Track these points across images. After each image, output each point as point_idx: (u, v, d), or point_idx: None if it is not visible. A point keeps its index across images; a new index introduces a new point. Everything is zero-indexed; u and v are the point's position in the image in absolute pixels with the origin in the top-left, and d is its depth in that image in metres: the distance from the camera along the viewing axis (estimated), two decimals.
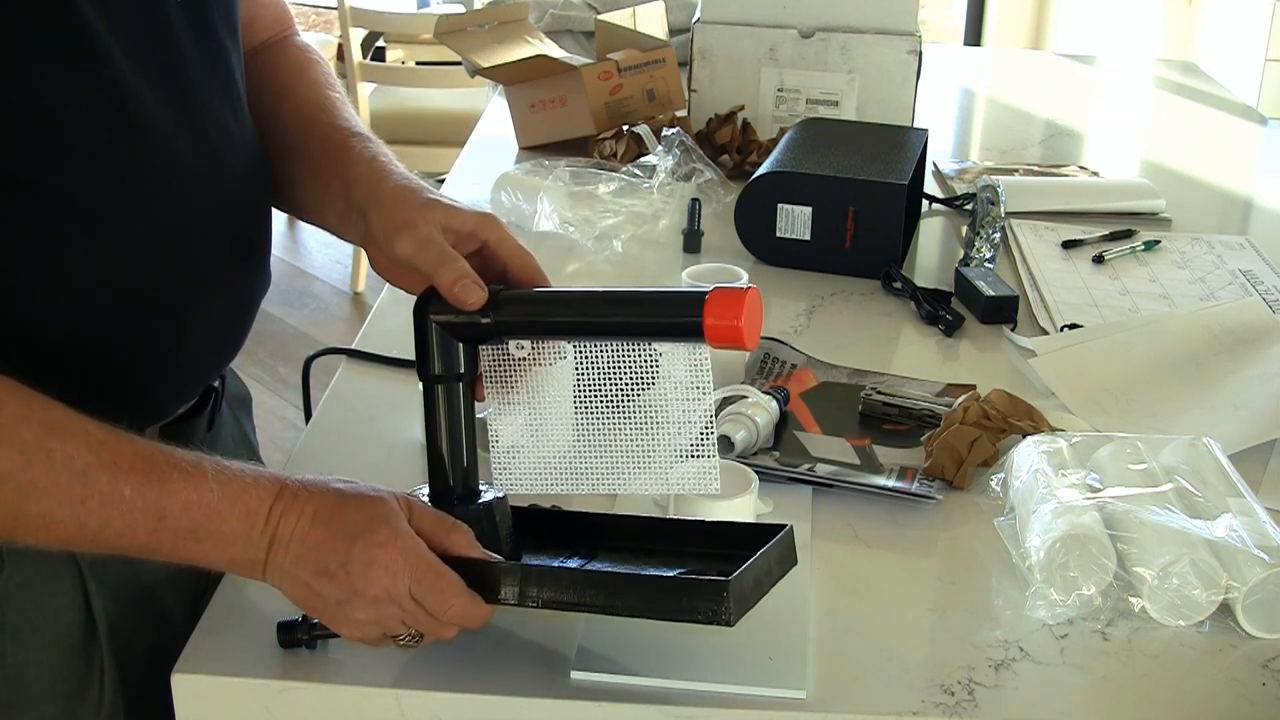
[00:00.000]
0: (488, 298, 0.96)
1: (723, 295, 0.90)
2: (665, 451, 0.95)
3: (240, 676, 0.97)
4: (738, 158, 2.05)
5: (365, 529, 0.93)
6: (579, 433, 0.96)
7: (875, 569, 1.13)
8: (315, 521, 0.93)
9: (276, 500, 0.93)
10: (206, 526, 0.92)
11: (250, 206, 1.13)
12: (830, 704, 0.96)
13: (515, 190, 1.85)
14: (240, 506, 0.92)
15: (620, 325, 0.93)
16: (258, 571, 0.94)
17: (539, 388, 0.97)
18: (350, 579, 0.93)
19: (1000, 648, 1.03)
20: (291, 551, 0.93)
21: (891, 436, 1.31)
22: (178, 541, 0.92)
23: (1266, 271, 1.76)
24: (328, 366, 1.46)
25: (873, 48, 2.08)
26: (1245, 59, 4.25)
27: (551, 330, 0.95)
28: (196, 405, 1.17)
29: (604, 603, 0.93)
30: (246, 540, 0.93)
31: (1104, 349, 1.49)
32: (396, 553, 0.93)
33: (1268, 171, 2.36)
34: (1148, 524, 1.08)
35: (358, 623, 0.94)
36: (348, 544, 0.93)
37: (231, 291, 1.12)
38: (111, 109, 0.96)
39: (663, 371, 0.93)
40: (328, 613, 0.95)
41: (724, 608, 0.88)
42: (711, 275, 1.41)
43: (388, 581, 0.93)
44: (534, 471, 0.99)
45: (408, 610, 0.94)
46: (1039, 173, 2.14)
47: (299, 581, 0.94)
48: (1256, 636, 1.05)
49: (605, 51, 2.18)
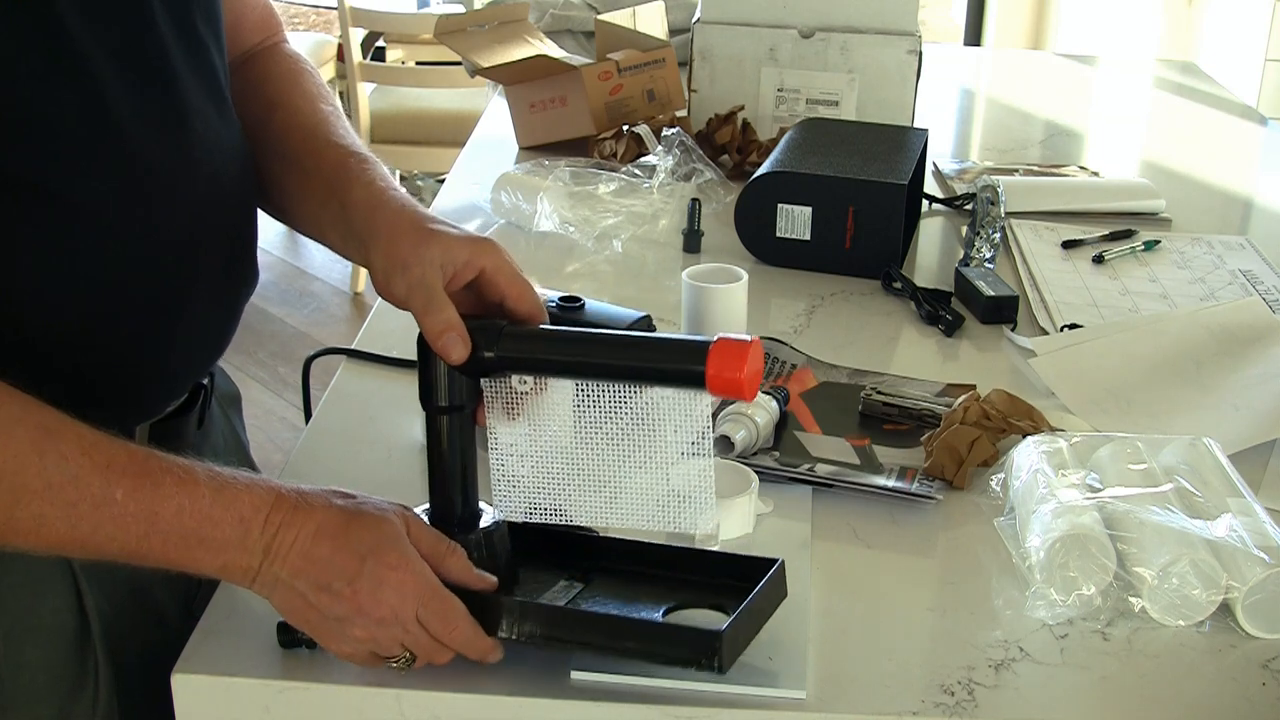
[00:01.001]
0: (490, 338, 0.95)
1: (726, 346, 0.90)
2: (663, 491, 0.96)
3: (240, 676, 0.97)
4: (738, 158, 2.05)
5: (375, 549, 0.93)
6: (578, 467, 0.97)
7: (875, 569, 1.13)
8: (319, 536, 0.93)
9: (274, 510, 0.93)
10: (199, 532, 0.91)
11: (238, 205, 1.12)
12: (830, 704, 0.96)
13: (515, 190, 1.84)
14: (234, 513, 0.92)
15: (622, 369, 0.94)
16: (249, 579, 0.94)
17: (540, 420, 0.97)
18: (356, 597, 0.93)
19: (1000, 648, 1.03)
20: (290, 563, 0.93)
21: (891, 436, 1.31)
22: (169, 547, 0.91)
23: (1266, 271, 1.76)
24: (328, 366, 1.46)
25: (873, 48, 2.08)
26: (1245, 59, 4.25)
27: (553, 369, 0.96)
28: (186, 403, 1.16)
29: (602, 644, 0.95)
30: (240, 547, 0.92)
31: (1104, 349, 1.48)
32: (407, 575, 0.93)
33: (1268, 171, 2.36)
34: (1148, 524, 1.08)
35: (353, 640, 0.94)
36: (357, 563, 0.93)
37: (220, 289, 1.11)
38: (93, 105, 0.96)
39: (662, 414, 0.93)
40: (322, 627, 0.95)
41: (717, 660, 0.92)
42: (711, 275, 1.41)
43: (396, 603, 0.93)
44: (533, 501, 1.00)
45: (410, 633, 0.94)
46: (1039, 173, 2.14)
47: (295, 594, 0.93)
48: (1256, 636, 1.05)
49: (605, 51, 2.18)
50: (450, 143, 3.88)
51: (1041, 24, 5.08)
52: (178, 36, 1.03)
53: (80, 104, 0.95)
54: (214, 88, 1.08)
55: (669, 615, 0.99)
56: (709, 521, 0.96)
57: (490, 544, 1.00)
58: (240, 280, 1.15)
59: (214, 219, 1.08)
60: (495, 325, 0.96)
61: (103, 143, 0.97)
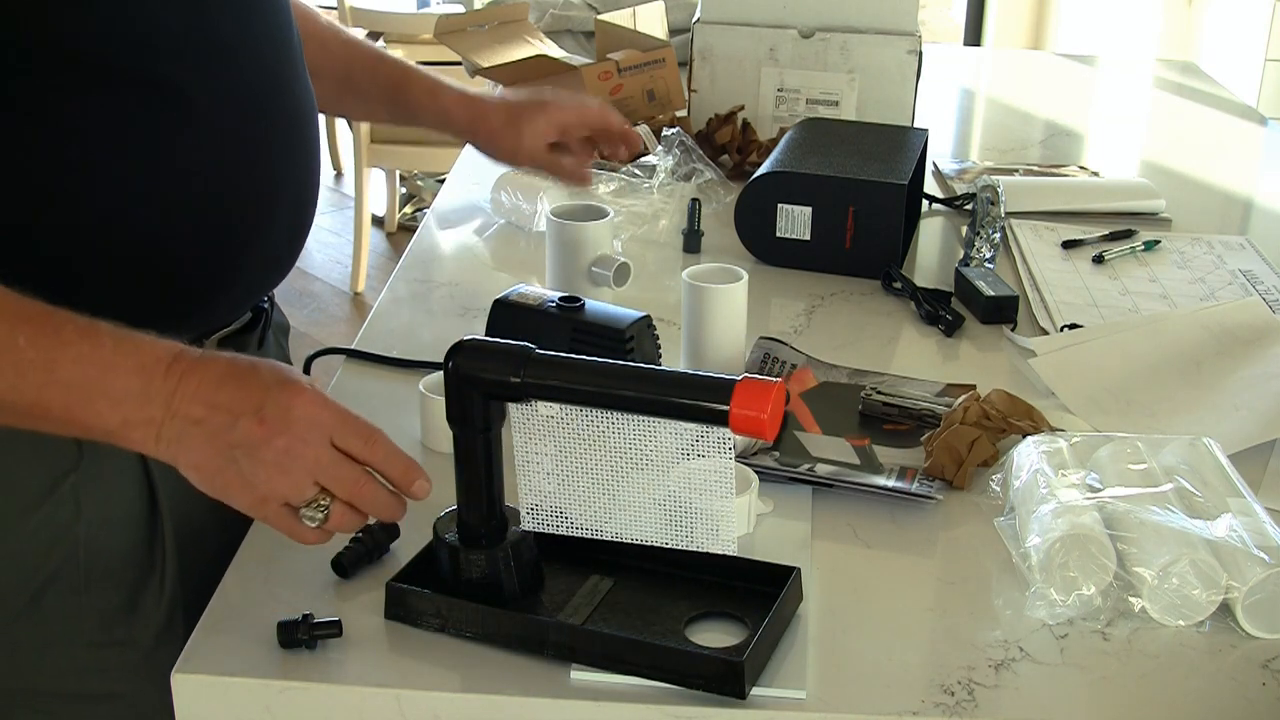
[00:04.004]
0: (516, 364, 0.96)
1: (751, 386, 0.91)
2: (686, 513, 0.98)
3: (240, 676, 0.97)
4: (738, 158, 2.05)
5: (280, 382, 0.93)
6: (603, 487, 0.99)
7: (875, 569, 1.13)
8: (223, 379, 0.92)
9: (176, 360, 0.92)
10: (100, 382, 0.91)
11: (311, 121, 1.18)
12: (830, 704, 0.96)
13: (515, 190, 1.85)
14: (134, 361, 0.91)
15: (645, 403, 0.94)
16: (152, 434, 0.92)
17: (566, 442, 0.98)
18: (265, 423, 0.91)
19: (1000, 648, 1.03)
20: (193, 410, 0.91)
21: (891, 436, 1.31)
22: (70, 398, 0.91)
23: (1266, 271, 1.76)
24: (328, 366, 1.45)
25: (873, 48, 2.08)
26: (1245, 59, 4.25)
27: (577, 399, 0.96)
28: (249, 324, 1.22)
29: (627, 666, 0.97)
30: (142, 396, 0.91)
31: (1104, 349, 1.49)
32: (315, 399, 0.93)
33: (1268, 171, 2.36)
34: (1148, 524, 1.08)
35: (265, 481, 0.92)
36: (261, 394, 0.92)
37: (298, 203, 1.16)
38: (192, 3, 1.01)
39: (686, 445, 0.95)
40: (233, 476, 0.92)
41: (739, 686, 0.95)
42: (711, 275, 1.41)
43: (305, 426, 0.91)
44: (559, 515, 1.01)
45: (325, 462, 0.92)
46: (1039, 173, 2.14)
47: (201, 440, 0.91)
48: (1256, 636, 1.05)
49: (605, 51, 2.18)
50: (450, 143, 3.86)
51: (1041, 24, 5.09)
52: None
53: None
54: (287, 10, 1.16)
55: (689, 626, 1.01)
56: (730, 543, 0.97)
57: (519, 554, 1.02)
58: (310, 201, 1.20)
59: (297, 132, 1.14)
60: (524, 351, 0.97)
61: (203, 38, 1.02)
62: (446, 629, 1.01)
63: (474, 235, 1.84)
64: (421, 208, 4.68)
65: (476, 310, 1.56)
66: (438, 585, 1.02)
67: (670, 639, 0.99)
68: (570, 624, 0.99)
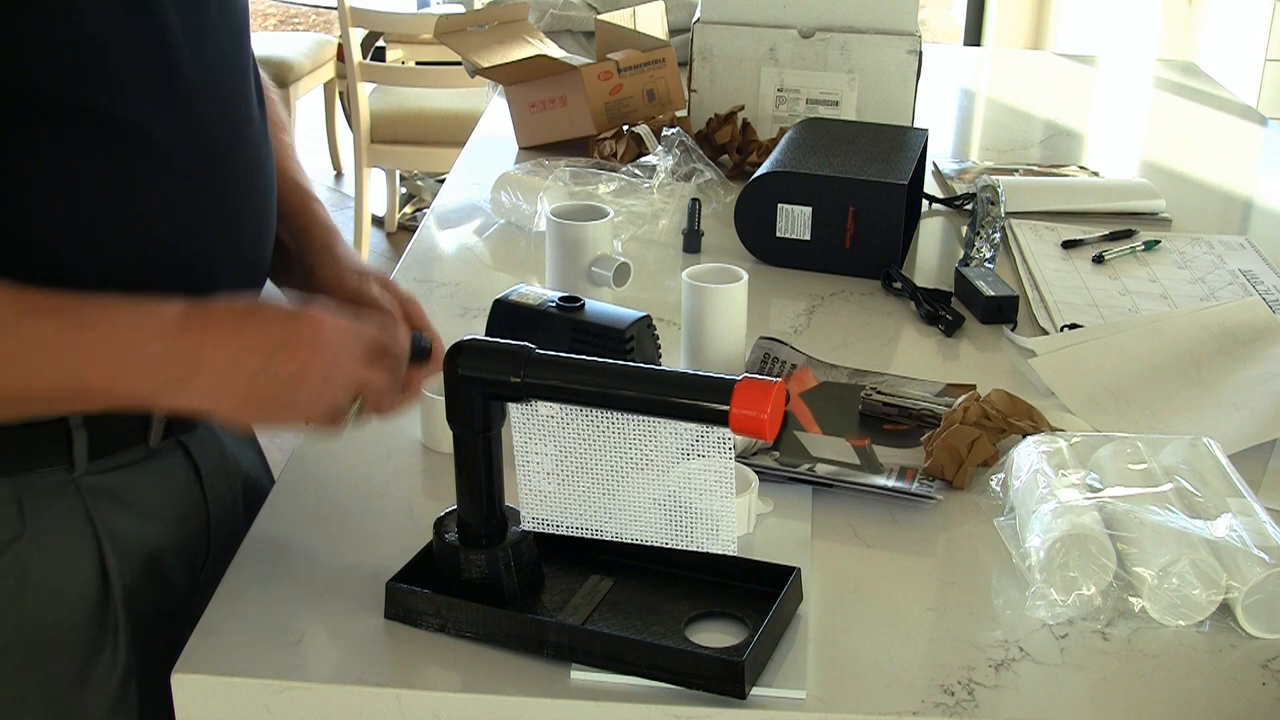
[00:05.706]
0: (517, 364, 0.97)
1: (751, 386, 0.91)
2: (686, 513, 0.98)
3: (240, 676, 0.97)
4: (738, 158, 2.05)
5: (291, 311, 0.98)
6: (603, 487, 0.99)
7: (875, 569, 1.13)
8: (243, 321, 0.96)
9: (186, 316, 0.95)
10: (129, 354, 0.94)
11: (268, 160, 1.17)
12: (830, 704, 0.96)
13: (515, 190, 1.85)
14: (153, 326, 0.94)
15: (646, 402, 0.95)
16: (189, 388, 0.95)
17: (566, 442, 0.98)
18: (300, 351, 0.96)
19: (1000, 648, 1.03)
20: (226, 354, 0.95)
21: (891, 436, 1.31)
22: (108, 376, 0.93)
23: (1266, 271, 1.76)
24: None
25: (873, 48, 2.08)
26: (1245, 59, 4.25)
27: (577, 399, 0.97)
28: None
29: (627, 666, 0.97)
30: (168, 357, 0.94)
31: (1104, 349, 1.49)
32: (330, 319, 0.99)
33: (1268, 171, 2.36)
34: (1148, 524, 1.08)
35: (310, 395, 0.98)
36: (280, 325, 0.97)
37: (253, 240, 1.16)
38: (158, 38, 1.00)
39: (686, 445, 0.95)
40: (278, 404, 0.98)
41: (739, 686, 0.95)
42: (711, 275, 1.41)
43: (338, 346, 0.98)
44: (559, 513, 1.01)
45: (361, 371, 1.00)
46: (1039, 173, 2.14)
47: (245, 380, 0.96)
48: (1256, 636, 1.05)
49: (605, 51, 2.18)
50: (450, 143, 3.88)
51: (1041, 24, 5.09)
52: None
53: (149, 39, 0.99)
54: (246, 47, 1.15)
55: (689, 626, 1.01)
56: (730, 543, 0.97)
57: (519, 554, 1.02)
58: (268, 237, 1.18)
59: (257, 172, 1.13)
60: (524, 351, 0.97)
61: (163, 73, 1.01)
62: (446, 629, 1.01)
63: (474, 235, 1.84)
64: (421, 208, 4.68)
65: (476, 310, 1.56)
66: (438, 585, 1.02)
67: (670, 639, 0.99)
68: (570, 624, 0.99)
